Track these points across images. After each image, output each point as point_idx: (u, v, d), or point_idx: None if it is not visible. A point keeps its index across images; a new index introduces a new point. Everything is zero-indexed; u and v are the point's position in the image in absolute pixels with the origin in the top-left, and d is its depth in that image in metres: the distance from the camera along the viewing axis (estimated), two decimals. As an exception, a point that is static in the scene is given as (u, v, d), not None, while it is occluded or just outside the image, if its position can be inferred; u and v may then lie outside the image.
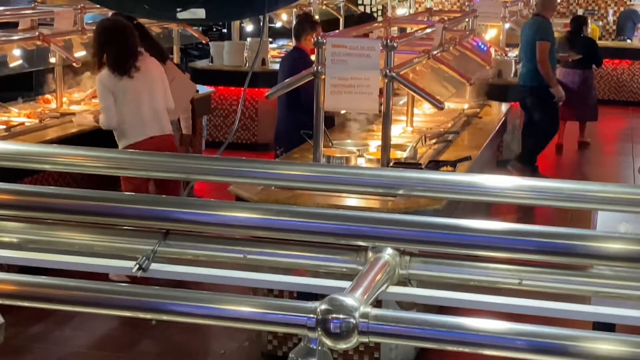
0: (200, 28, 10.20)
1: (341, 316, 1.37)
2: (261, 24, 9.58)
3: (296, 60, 6.46)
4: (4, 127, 6.14)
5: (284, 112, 6.62)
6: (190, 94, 6.70)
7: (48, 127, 6.42)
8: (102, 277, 1.67)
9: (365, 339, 1.38)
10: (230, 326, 1.50)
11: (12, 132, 6.06)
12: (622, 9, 14.73)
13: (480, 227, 1.58)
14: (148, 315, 1.52)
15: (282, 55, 9.40)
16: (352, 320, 1.36)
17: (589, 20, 13.97)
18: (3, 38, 6.58)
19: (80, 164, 1.89)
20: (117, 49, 5.58)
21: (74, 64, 7.03)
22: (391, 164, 4.84)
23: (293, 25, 8.21)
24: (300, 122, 5.71)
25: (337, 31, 7.71)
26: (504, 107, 7.73)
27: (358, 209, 4.22)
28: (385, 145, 4.82)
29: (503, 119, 7.21)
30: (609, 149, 10.18)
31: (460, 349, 1.39)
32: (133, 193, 1.90)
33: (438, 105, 4.85)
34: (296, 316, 1.42)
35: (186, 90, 6.59)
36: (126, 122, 5.61)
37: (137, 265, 1.73)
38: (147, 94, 5.66)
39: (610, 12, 14.77)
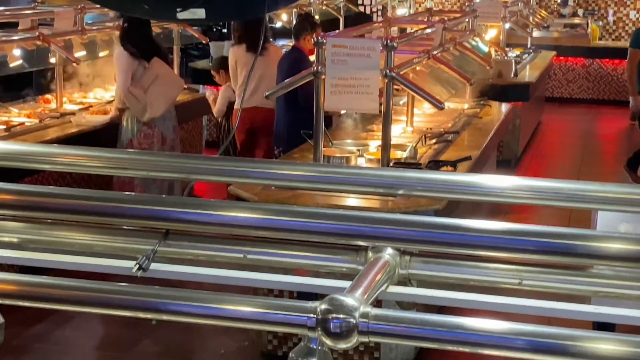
0: (200, 28, 10.18)
1: (341, 316, 1.37)
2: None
3: (295, 60, 6.46)
4: (4, 127, 6.13)
5: (282, 111, 6.62)
6: (174, 92, 6.67)
7: (48, 127, 6.42)
8: (102, 277, 1.67)
9: (365, 339, 1.38)
10: (230, 326, 1.50)
11: (12, 132, 6.06)
12: (621, 9, 14.73)
13: (480, 227, 1.58)
14: (148, 315, 1.52)
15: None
16: (352, 320, 1.36)
17: (589, 21, 13.99)
18: (3, 38, 6.57)
19: (80, 164, 1.90)
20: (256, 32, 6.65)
21: (74, 64, 7.03)
22: (391, 164, 4.84)
23: (293, 25, 8.20)
24: (298, 121, 5.71)
25: (337, 31, 7.71)
26: (504, 107, 7.72)
27: (358, 209, 4.22)
28: (385, 145, 4.81)
29: (503, 119, 7.21)
30: (610, 149, 10.18)
31: (460, 349, 1.39)
32: (133, 193, 1.91)
33: (438, 105, 4.85)
34: (296, 316, 1.42)
35: (170, 88, 6.57)
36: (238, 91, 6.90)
37: (137, 265, 1.73)
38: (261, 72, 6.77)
39: (611, 12, 14.76)
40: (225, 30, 12.43)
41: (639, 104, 8.74)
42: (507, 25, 9.86)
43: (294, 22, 9.04)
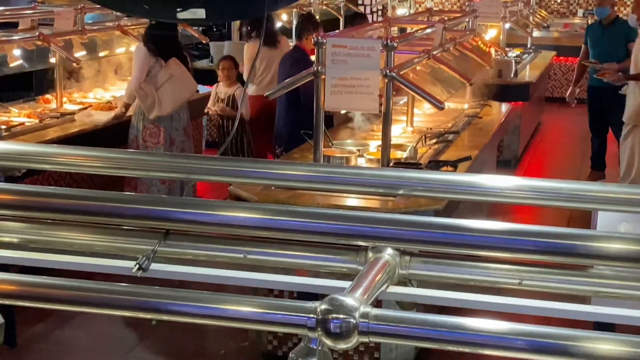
0: (200, 28, 10.17)
1: (341, 316, 1.37)
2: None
3: (297, 60, 6.46)
4: (4, 127, 6.13)
5: (283, 111, 6.62)
6: (185, 93, 6.67)
7: (48, 127, 6.42)
8: (102, 277, 1.67)
9: (365, 339, 1.38)
10: (230, 326, 1.50)
11: (12, 132, 6.06)
12: (621, 8, 14.72)
13: (480, 227, 1.58)
14: (148, 315, 1.52)
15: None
16: (352, 320, 1.36)
17: (589, 21, 13.97)
18: (3, 38, 6.58)
19: (80, 164, 1.90)
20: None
21: (74, 64, 7.03)
22: (391, 164, 4.84)
23: (295, 25, 8.21)
24: (300, 121, 5.71)
25: (337, 31, 7.71)
26: (504, 107, 7.72)
27: (358, 209, 4.22)
28: (385, 145, 4.81)
29: (503, 119, 7.22)
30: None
31: (460, 349, 1.39)
32: (133, 193, 1.91)
33: (438, 105, 4.85)
34: (296, 316, 1.42)
35: (182, 89, 6.58)
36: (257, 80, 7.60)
37: (137, 265, 1.73)
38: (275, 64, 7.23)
39: (610, 12, 14.74)
40: (225, 30, 12.42)
41: (573, 93, 9.02)
42: (507, 25, 9.86)
43: (294, 22, 9.05)
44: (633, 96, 7.79)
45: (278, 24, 11.31)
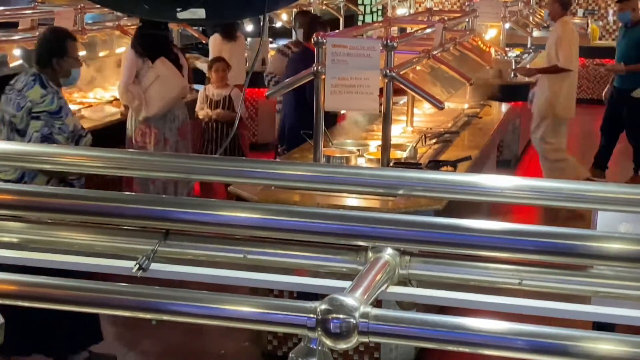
0: (201, 28, 10.17)
1: (341, 316, 1.37)
2: (261, 24, 9.58)
3: (302, 62, 6.44)
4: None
5: (290, 110, 6.60)
6: (173, 93, 6.58)
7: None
8: (102, 277, 1.67)
9: (365, 339, 1.38)
10: (230, 326, 1.50)
11: (12, 132, 6.05)
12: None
13: (480, 227, 1.58)
14: (148, 315, 1.52)
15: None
16: (352, 320, 1.36)
17: (589, 21, 13.97)
18: (3, 38, 6.58)
19: (80, 164, 1.90)
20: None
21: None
22: (391, 164, 4.84)
23: (295, 24, 8.20)
24: (306, 120, 5.70)
25: (337, 31, 7.71)
26: (504, 107, 7.73)
27: (358, 209, 4.22)
28: (385, 145, 4.81)
29: (503, 119, 7.22)
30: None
31: (460, 349, 1.39)
32: (133, 193, 1.91)
33: (438, 105, 4.85)
34: (296, 316, 1.42)
35: (170, 89, 6.51)
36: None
37: (137, 265, 1.73)
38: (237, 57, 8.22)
39: (610, 12, 14.75)
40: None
41: (608, 92, 9.01)
42: (507, 25, 9.86)
43: (294, 22, 9.04)
44: (542, 90, 8.02)
45: (278, 24, 11.34)
